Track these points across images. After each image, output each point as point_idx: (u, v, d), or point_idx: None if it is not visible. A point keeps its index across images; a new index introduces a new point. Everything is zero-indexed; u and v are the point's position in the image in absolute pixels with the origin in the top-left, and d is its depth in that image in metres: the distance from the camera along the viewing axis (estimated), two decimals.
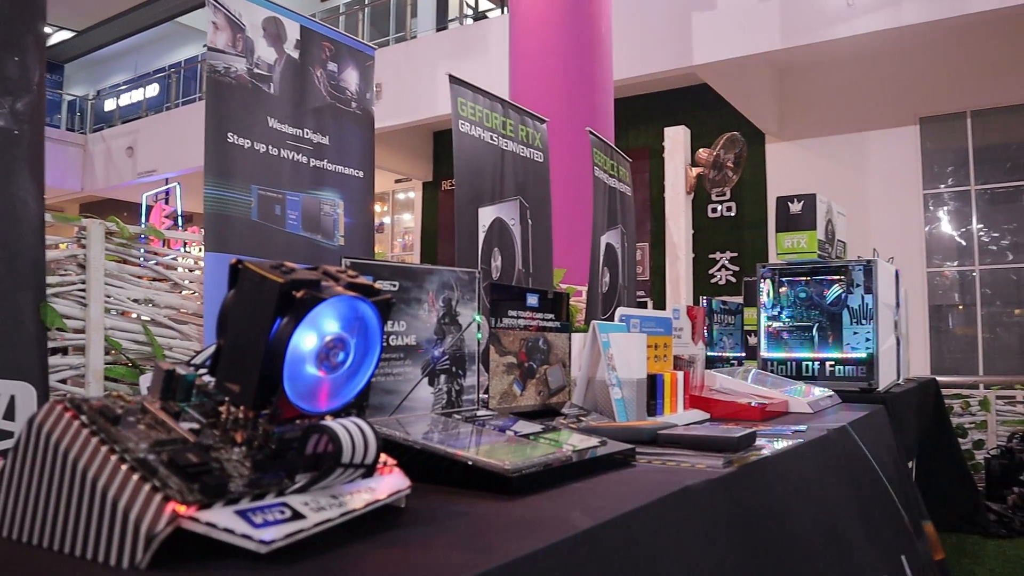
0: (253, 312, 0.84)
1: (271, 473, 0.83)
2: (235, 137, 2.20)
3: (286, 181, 2.37)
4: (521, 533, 0.92)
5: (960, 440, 5.69)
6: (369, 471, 0.91)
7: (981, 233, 10.31)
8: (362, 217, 2.67)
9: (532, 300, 1.78)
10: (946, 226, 10.56)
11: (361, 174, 2.66)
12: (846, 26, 8.42)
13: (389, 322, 1.40)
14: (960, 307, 10.46)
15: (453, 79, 3.19)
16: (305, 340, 0.85)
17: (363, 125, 2.68)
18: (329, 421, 0.87)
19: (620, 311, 2.02)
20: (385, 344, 1.39)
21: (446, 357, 1.51)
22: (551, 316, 1.84)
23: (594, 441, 1.40)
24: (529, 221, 3.51)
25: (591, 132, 4.08)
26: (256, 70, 2.27)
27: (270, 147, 2.31)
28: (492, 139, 3.36)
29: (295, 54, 2.42)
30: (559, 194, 4.12)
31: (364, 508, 0.87)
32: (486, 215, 3.26)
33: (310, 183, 2.46)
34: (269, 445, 0.85)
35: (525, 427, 1.45)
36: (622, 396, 1.85)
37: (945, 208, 10.56)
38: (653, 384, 2.01)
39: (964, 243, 10.39)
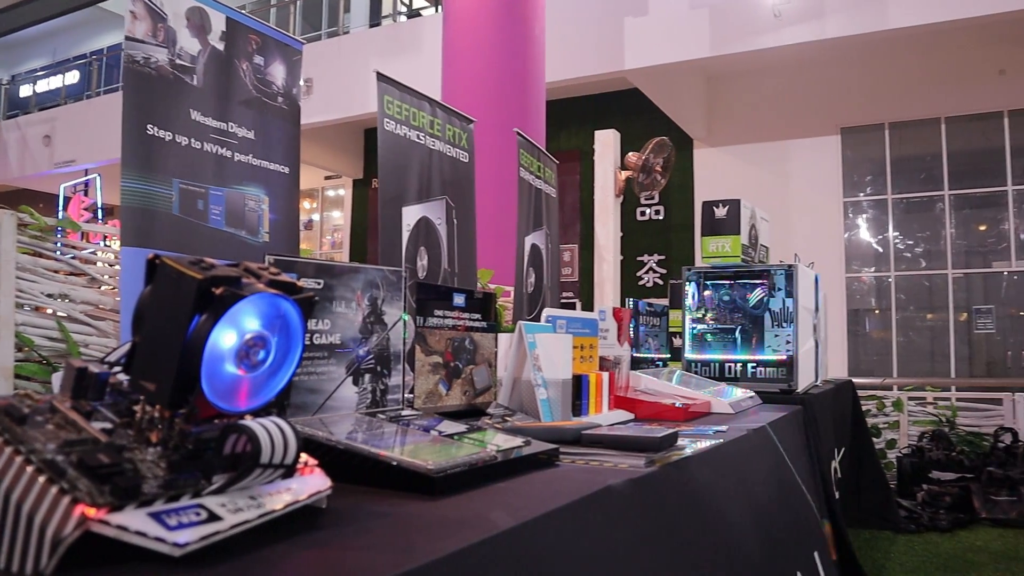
0: (170, 309, 0.82)
1: (187, 474, 0.81)
2: (155, 129, 2.14)
3: (209, 175, 2.31)
4: (443, 533, 0.92)
5: (874, 439, 5.89)
6: (289, 471, 0.89)
7: (897, 241, 10.70)
8: (287, 214, 2.62)
9: (459, 300, 1.78)
10: (864, 233, 10.93)
11: (287, 170, 2.62)
12: (773, 37, 8.64)
13: (312, 320, 1.38)
14: (876, 311, 10.83)
15: (380, 76, 3.16)
16: (224, 338, 0.84)
17: (289, 120, 2.63)
18: (248, 421, 0.85)
19: (546, 312, 2.03)
20: (308, 343, 1.37)
21: (371, 356, 1.50)
22: (478, 316, 1.84)
23: (518, 441, 1.40)
24: (455, 221, 3.50)
25: (518, 133, 4.10)
26: (178, 61, 2.21)
27: (193, 140, 2.26)
28: (419, 138, 3.34)
29: (220, 46, 2.36)
30: (489, 195, 4.13)
31: (283, 509, 0.86)
32: (411, 214, 3.25)
33: (234, 178, 2.41)
34: (185, 445, 0.83)
35: (450, 427, 1.45)
36: (547, 396, 1.86)
37: (864, 216, 10.92)
38: (578, 384, 2.03)
39: (881, 250, 10.76)
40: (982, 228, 10.57)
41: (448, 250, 3.47)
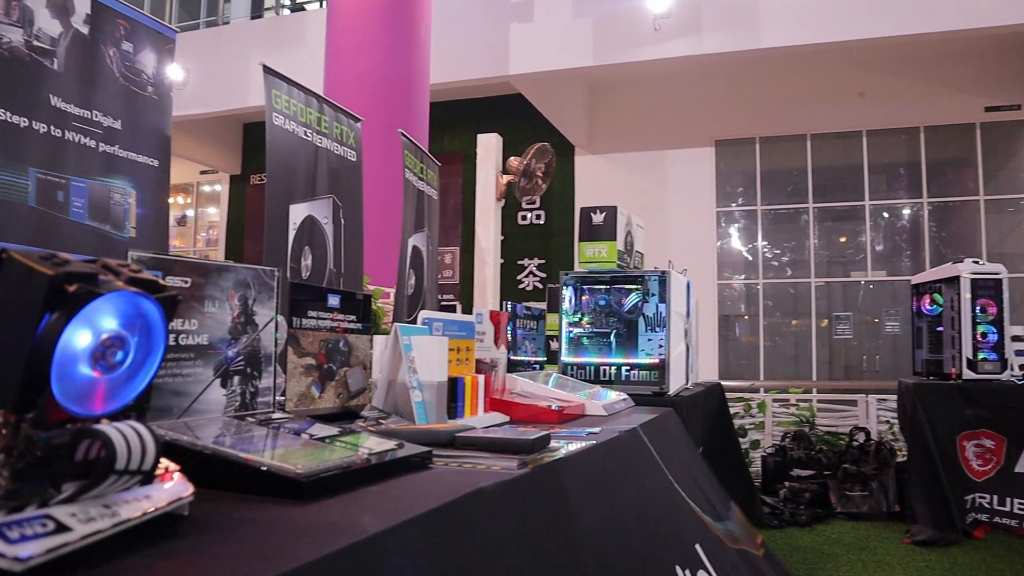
0: (19, 306, 0.78)
1: (33, 483, 0.77)
2: (9, 115, 2.01)
3: (71, 166, 2.20)
4: (309, 539, 0.90)
5: (741, 439, 6.14)
6: (148, 478, 0.86)
7: (765, 250, 11.21)
8: (156, 208, 2.52)
9: (333, 301, 1.75)
10: (736, 242, 11.39)
11: (156, 162, 2.51)
12: (653, 49, 8.90)
13: (178, 320, 1.33)
14: (746, 317, 11.30)
15: (267, 70, 3.08)
16: (78, 337, 0.80)
17: (160, 111, 2.53)
18: (104, 425, 0.81)
19: (423, 314, 2.02)
20: (173, 343, 1.32)
21: (241, 358, 1.46)
22: (353, 317, 1.82)
23: (391, 444, 1.39)
24: (342, 220, 3.45)
25: (403, 134, 4.07)
26: (36, 43, 2.09)
27: (52, 128, 2.13)
28: (306, 135, 3.28)
29: (84, 29, 2.25)
30: (370, 195, 4.08)
31: (140, 518, 0.83)
32: (297, 212, 3.18)
33: (99, 169, 2.29)
34: (33, 452, 0.79)
35: (322, 430, 1.42)
36: (422, 399, 1.86)
37: (735, 225, 11.38)
38: (454, 387, 2.03)
39: (751, 258, 11.24)
40: (842, 240, 11.19)
41: (334, 250, 3.42)
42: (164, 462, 0.91)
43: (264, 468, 1.12)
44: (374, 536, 0.92)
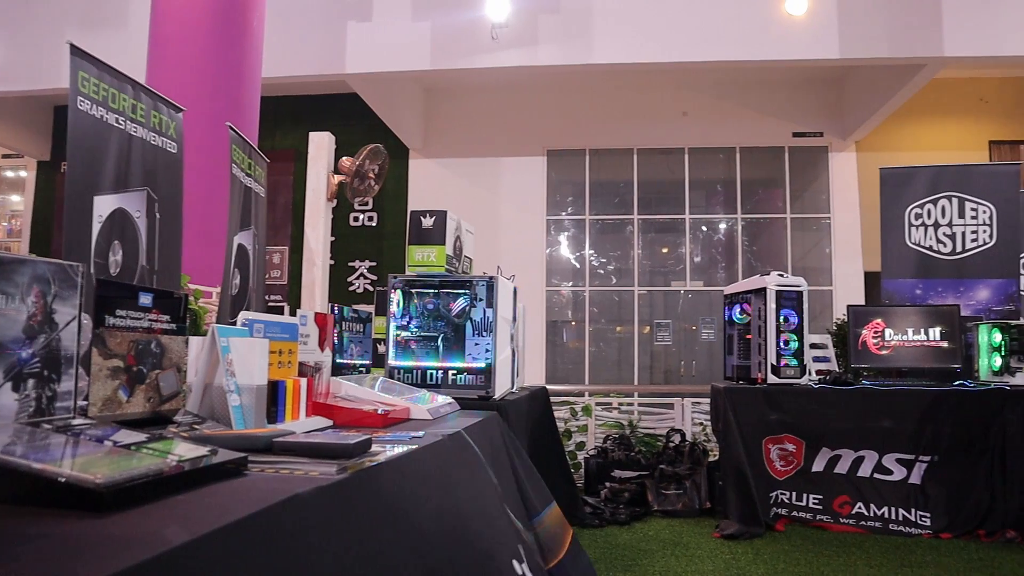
0: None
1: None
2: None
3: None
4: (107, 553, 0.85)
5: (566, 442, 6.32)
6: None
7: (592, 258, 11.60)
8: None
9: (145, 300, 1.66)
10: (564, 250, 11.72)
11: None
12: (489, 57, 9.01)
13: None
14: (573, 323, 11.65)
15: (75, 50, 2.88)
16: None
17: None
18: None
19: (243, 315, 1.95)
20: None
21: (36, 359, 1.35)
22: (167, 317, 1.73)
23: (204, 450, 1.34)
24: (157, 215, 3.28)
25: (231, 127, 3.93)
26: None
27: None
28: (119, 122, 3.09)
29: None
30: (192, 189, 3.90)
31: None
32: (105, 204, 2.99)
33: None
34: None
35: (128, 437, 1.35)
36: (240, 403, 1.80)
37: (565, 234, 11.72)
38: (275, 391, 1.97)
39: (578, 266, 11.60)
40: (664, 251, 11.76)
41: (148, 245, 3.24)
42: None
43: (61, 479, 1.05)
44: (178, 548, 0.88)
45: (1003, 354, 5.21)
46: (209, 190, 5.22)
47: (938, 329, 5.36)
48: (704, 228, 11.70)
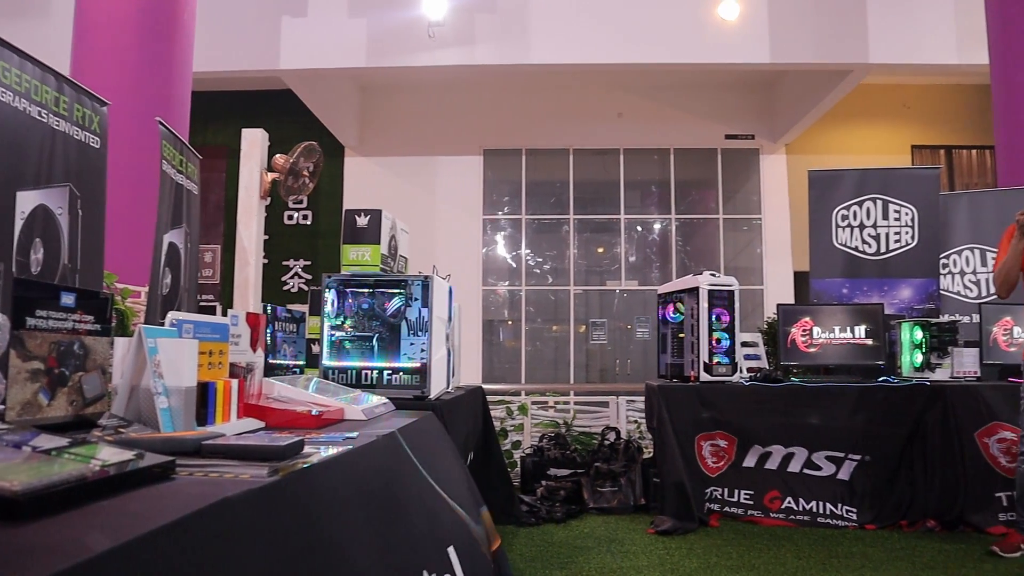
0: None
1: None
2: None
3: None
4: (23, 564, 0.82)
5: (503, 441, 6.33)
6: None
7: (528, 258, 11.65)
8: None
9: (68, 300, 1.61)
10: (501, 249, 11.75)
11: None
12: (427, 56, 8.99)
13: None
14: (509, 322, 11.68)
15: None
16: None
17: None
18: None
19: (171, 315, 1.91)
20: None
21: None
22: (91, 318, 1.68)
23: (129, 454, 1.30)
24: (79, 212, 3.18)
25: (161, 123, 3.83)
26: None
27: None
28: (40, 115, 2.99)
29: None
30: (118, 186, 3.80)
31: None
32: (27, 200, 2.89)
33: None
34: None
35: (48, 441, 1.30)
36: (169, 405, 1.76)
37: (501, 233, 11.75)
38: (204, 392, 1.93)
39: (515, 265, 11.64)
40: (600, 250, 11.88)
41: (70, 243, 3.14)
42: None
43: None
44: (100, 555, 0.86)
45: (924, 351, 5.40)
46: (137, 187, 5.09)
47: (863, 327, 5.52)
48: (639, 228, 11.85)
